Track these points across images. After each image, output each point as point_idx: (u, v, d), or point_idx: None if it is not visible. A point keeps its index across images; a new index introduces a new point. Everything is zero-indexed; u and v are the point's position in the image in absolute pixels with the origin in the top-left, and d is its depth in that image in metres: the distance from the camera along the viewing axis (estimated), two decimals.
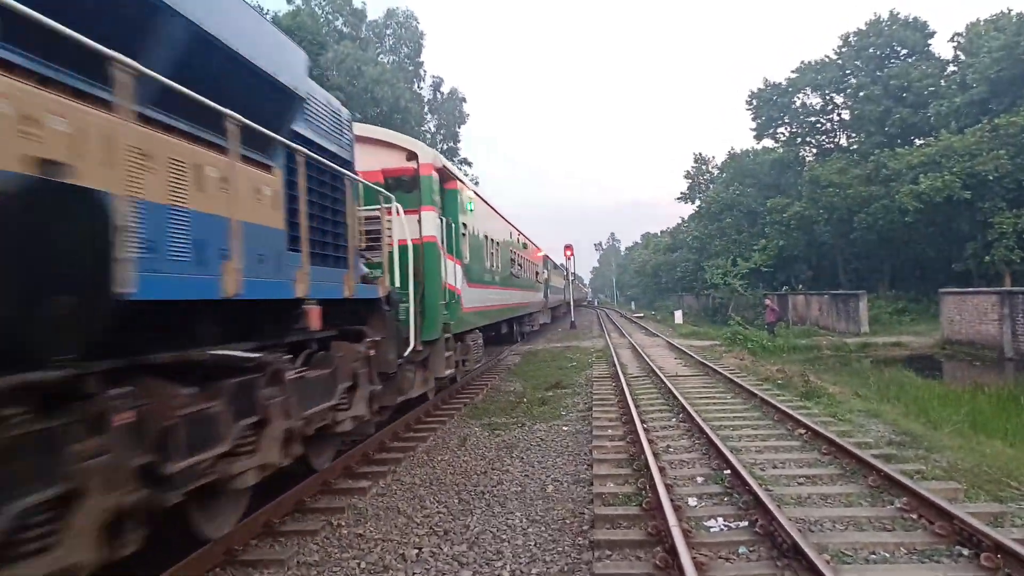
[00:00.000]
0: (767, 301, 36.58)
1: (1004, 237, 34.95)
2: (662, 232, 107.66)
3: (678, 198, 71.02)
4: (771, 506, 5.87)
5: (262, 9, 39.88)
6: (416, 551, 5.86)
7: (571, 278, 49.93)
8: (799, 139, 57.94)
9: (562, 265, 49.19)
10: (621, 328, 39.58)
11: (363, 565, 5.63)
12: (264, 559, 5.70)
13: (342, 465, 8.31)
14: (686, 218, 75.76)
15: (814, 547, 5.08)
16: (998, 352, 25.67)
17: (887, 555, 5.30)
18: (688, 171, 70.37)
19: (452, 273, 13.05)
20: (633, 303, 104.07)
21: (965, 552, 5.20)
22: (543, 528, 6.36)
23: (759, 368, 18.24)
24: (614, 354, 21.41)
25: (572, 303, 46.73)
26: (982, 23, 44.59)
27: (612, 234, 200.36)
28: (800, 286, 47.79)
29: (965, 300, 29.06)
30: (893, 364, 23.13)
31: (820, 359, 25.48)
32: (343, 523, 6.62)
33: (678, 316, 47.70)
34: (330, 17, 56.17)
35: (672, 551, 5.17)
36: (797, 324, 40.00)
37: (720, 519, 6.18)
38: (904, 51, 50.85)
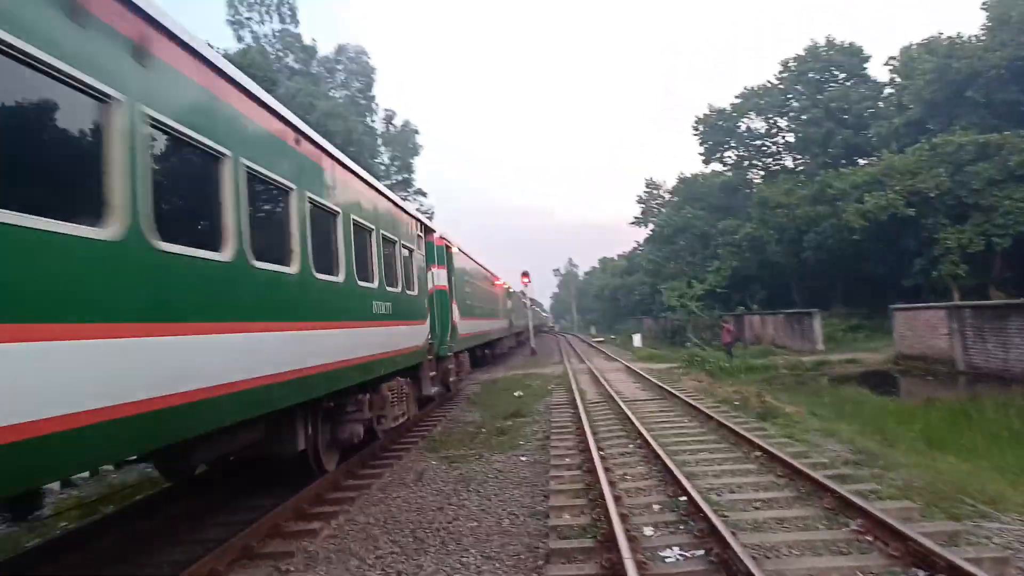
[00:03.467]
0: (723, 323, 36.96)
1: (949, 252, 36.00)
2: (619, 256, 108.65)
3: (632, 222, 72.08)
4: (726, 534, 5.80)
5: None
6: None
7: (529, 304, 49.94)
8: (746, 162, 59.38)
9: (520, 292, 49.17)
10: (581, 354, 39.55)
11: None
12: None
13: (293, 506, 8.02)
14: (641, 242, 76.83)
15: (770, 575, 4.99)
16: (950, 366, 26.25)
17: None
18: (640, 196, 71.62)
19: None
20: (593, 327, 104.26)
21: (921, 574, 5.16)
22: (497, 565, 6.19)
23: (716, 390, 18.30)
24: (573, 380, 21.30)
25: (531, 329, 46.64)
26: (914, 47, 46.29)
27: (570, 259, 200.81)
28: (755, 306, 48.48)
29: (916, 316, 29.74)
30: (849, 381, 23.49)
31: (777, 378, 25.74)
32: (292, 568, 6.39)
33: (637, 339, 47.92)
34: (280, 55, 56.15)
35: None
36: (755, 344, 40.51)
37: (676, 548, 6.07)
38: (842, 75, 52.61)
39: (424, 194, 64.97)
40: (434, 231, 15.98)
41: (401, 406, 11.85)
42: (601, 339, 62.42)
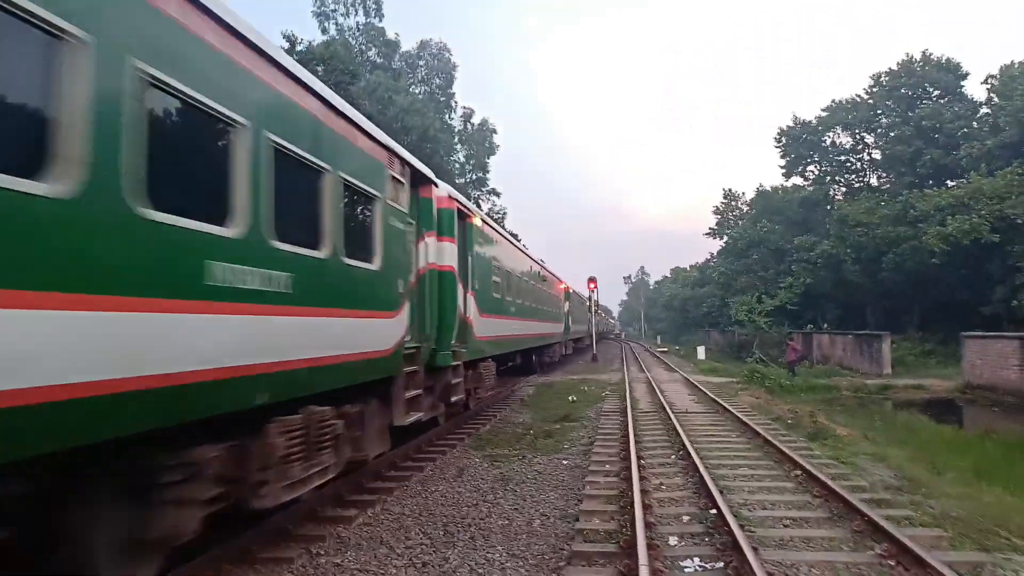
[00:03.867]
0: (789, 340, 36.09)
1: None
2: (691, 267, 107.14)
3: (706, 233, 71.00)
4: (746, 548, 5.85)
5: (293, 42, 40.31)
6: None
7: (594, 309, 49.69)
8: (828, 177, 57.52)
9: (587, 296, 48.99)
10: (642, 363, 39.33)
11: None
12: None
13: (332, 493, 8.27)
14: (715, 253, 75.65)
15: None
16: (1020, 398, 25.00)
17: None
18: (717, 206, 70.42)
19: None
20: (659, 337, 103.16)
21: None
22: (521, 563, 6.35)
23: (772, 407, 18.05)
24: (628, 389, 21.31)
25: (594, 336, 46.40)
26: (1016, 65, 44.08)
27: (641, 267, 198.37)
28: (826, 325, 47.06)
29: (987, 344, 28.54)
30: (912, 407, 22.72)
31: (837, 400, 25.05)
32: (322, 551, 6.61)
33: (701, 352, 47.21)
34: (363, 48, 57.23)
35: None
36: (821, 363, 39.42)
37: (696, 559, 6.15)
38: (936, 92, 50.23)
39: (497, 194, 65.37)
40: (435, 183, 11.20)
41: (316, 457, 6.61)
42: (665, 349, 61.71)
